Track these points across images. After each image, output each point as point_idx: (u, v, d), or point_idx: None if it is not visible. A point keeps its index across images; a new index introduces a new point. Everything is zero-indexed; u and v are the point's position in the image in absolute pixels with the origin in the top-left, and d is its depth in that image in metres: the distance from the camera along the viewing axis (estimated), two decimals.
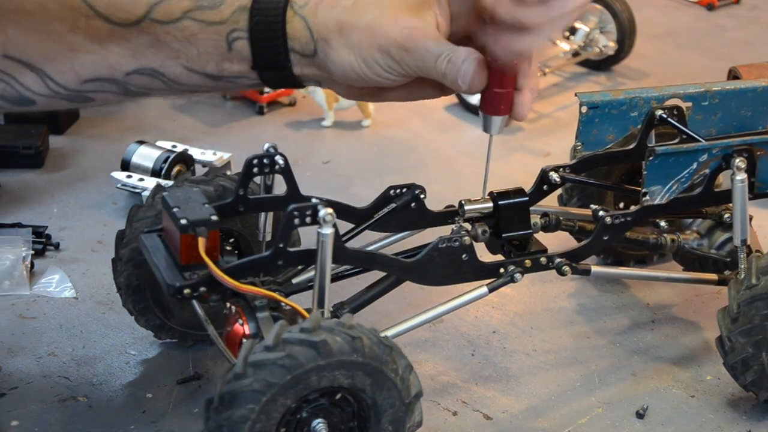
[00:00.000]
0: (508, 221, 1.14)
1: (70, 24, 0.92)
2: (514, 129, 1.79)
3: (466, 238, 1.10)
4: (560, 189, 1.30)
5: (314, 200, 1.03)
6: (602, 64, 2.01)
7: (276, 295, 1.01)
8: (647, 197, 1.15)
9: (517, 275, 1.12)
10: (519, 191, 1.15)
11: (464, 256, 1.10)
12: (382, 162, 1.70)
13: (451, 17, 0.98)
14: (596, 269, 1.19)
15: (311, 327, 0.93)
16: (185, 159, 1.55)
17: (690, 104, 1.26)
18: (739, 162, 1.14)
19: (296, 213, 1.00)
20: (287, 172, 1.11)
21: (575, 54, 1.98)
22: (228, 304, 1.04)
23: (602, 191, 1.32)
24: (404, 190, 1.17)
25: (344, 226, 1.12)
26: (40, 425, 1.12)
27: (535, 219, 1.18)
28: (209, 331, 1.05)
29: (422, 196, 1.17)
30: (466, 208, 1.14)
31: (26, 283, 1.33)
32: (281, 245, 1.02)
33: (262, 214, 1.16)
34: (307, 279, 1.12)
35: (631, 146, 1.25)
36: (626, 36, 1.97)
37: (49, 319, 1.29)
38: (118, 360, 1.22)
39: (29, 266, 1.35)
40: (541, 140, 1.77)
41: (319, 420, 0.97)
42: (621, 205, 1.35)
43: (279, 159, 1.11)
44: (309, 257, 1.02)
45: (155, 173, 1.51)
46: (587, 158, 1.24)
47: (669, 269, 1.38)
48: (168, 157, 1.52)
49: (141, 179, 1.50)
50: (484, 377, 1.23)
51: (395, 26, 0.94)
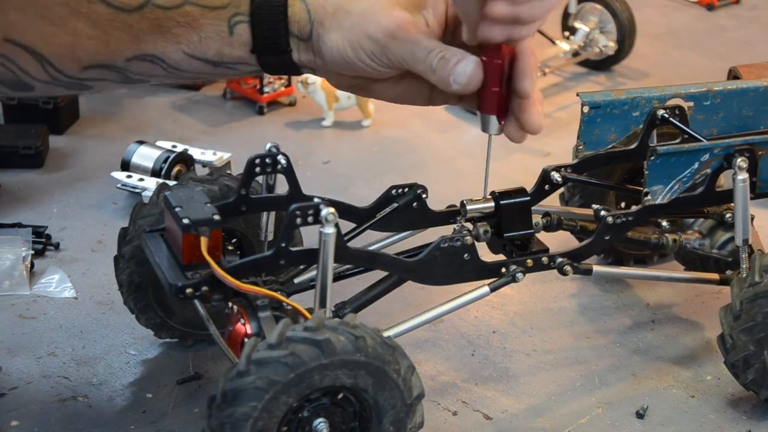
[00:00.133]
0: (510, 221, 1.14)
1: (72, 9, 0.92)
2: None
3: (468, 238, 1.10)
4: (562, 188, 1.29)
5: (316, 200, 1.03)
6: (602, 64, 2.01)
7: (278, 295, 1.01)
8: (649, 197, 1.15)
9: (519, 275, 1.12)
10: (520, 191, 1.15)
11: (466, 256, 1.10)
12: (382, 162, 1.70)
13: (446, 24, 0.98)
14: (598, 269, 1.18)
15: (315, 326, 0.93)
16: (185, 159, 1.55)
17: (692, 104, 1.26)
18: (741, 162, 1.14)
19: (298, 212, 1.00)
20: (289, 172, 1.11)
21: (575, 54, 1.98)
22: (230, 304, 1.04)
23: (604, 191, 1.32)
24: (406, 190, 1.17)
25: (346, 226, 1.12)
26: (40, 425, 1.12)
27: (537, 219, 1.18)
28: (211, 331, 1.05)
29: (424, 196, 1.17)
30: (468, 208, 1.14)
31: (26, 283, 1.32)
32: (283, 245, 1.02)
33: (264, 214, 1.16)
34: (309, 278, 1.12)
35: (633, 146, 1.25)
36: (626, 36, 1.97)
37: (49, 319, 1.28)
38: (118, 360, 1.22)
39: (29, 266, 1.34)
40: (541, 140, 1.77)
41: (321, 419, 0.97)
42: (622, 205, 1.35)
43: (281, 159, 1.11)
44: (311, 257, 1.02)
45: (155, 173, 1.51)
46: (589, 158, 1.24)
47: (670, 269, 1.38)
48: (168, 157, 1.52)
49: (141, 179, 1.50)
50: (484, 377, 1.23)
51: (388, 15, 0.94)
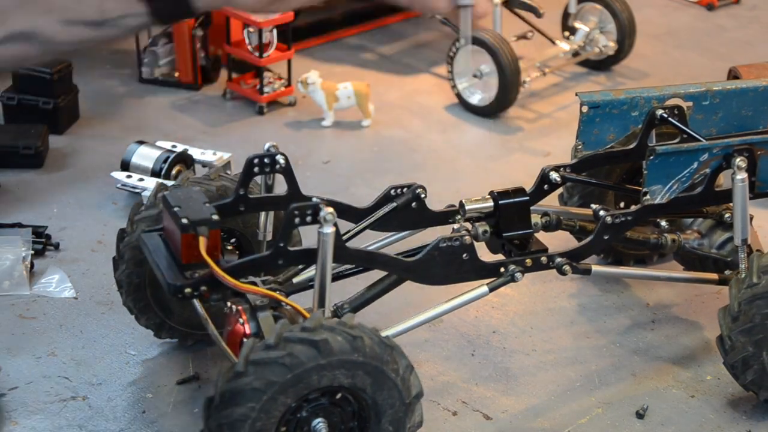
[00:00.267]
0: (509, 221, 1.14)
1: None
2: (514, 129, 1.79)
3: (467, 238, 1.09)
4: (561, 188, 1.29)
5: (315, 200, 1.03)
6: (602, 64, 2.01)
7: (277, 295, 1.01)
8: (648, 197, 1.15)
9: (518, 274, 1.12)
10: (519, 191, 1.15)
11: (465, 256, 1.10)
12: (382, 162, 1.70)
13: None
14: (597, 268, 1.18)
15: (312, 326, 0.93)
16: (185, 159, 1.55)
17: (691, 104, 1.26)
18: (740, 161, 1.14)
19: (297, 212, 1.00)
20: (288, 172, 1.11)
21: (575, 54, 1.97)
22: (229, 304, 1.04)
23: (603, 190, 1.32)
24: (405, 190, 1.17)
25: (345, 226, 1.12)
26: (40, 425, 1.12)
27: (536, 218, 1.18)
28: (209, 331, 1.05)
29: (423, 196, 1.17)
30: (467, 208, 1.14)
31: (26, 283, 1.32)
32: (282, 244, 1.02)
33: (263, 214, 1.16)
34: (308, 278, 1.12)
35: (632, 146, 1.24)
36: (626, 36, 1.96)
37: (49, 319, 1.28)
38: (118, 360, 1.22)
39: (29, 266, 1.34)
40: (541, 140, 1.77)
41: (319, 419, 0.97)
42: (621, 205, 1.34)
43: (280, 158, 1.11)
44: (310, 256, 1.02)
45: (155, 173, 1.51)
46: (588, 158, 1.24)
47: (669, 269, 1.38)
48: (168, 157, 1.52)
49: (141, 179, 1.50)
50: (484, 377, 1.23)
51: None
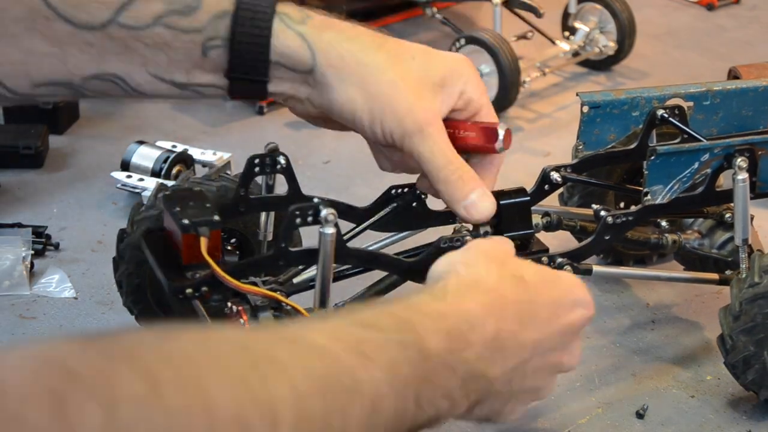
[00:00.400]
0: (510, 221, 1.14)
1: (27, 26, 0.85)
2: (514, 129, 1.79)
3: (468, 238, 1.09)
4: (561, 188, 1.29)
5: (316, 200, 1.03)
6: (602, 64, 2.01)
7: (277, 296, 1.01)
8: (649, 197, 1.15)
9: None
10: (520, 191, 1.15)
11: None
12: None
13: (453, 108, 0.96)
14: (597, 269, 1.18)
15: None
16: (185, 159, 1.55)
17: (691, 104, 1.26)
18: (741, 161, 1.14)
19: (298, 213, 1.00)
20: (289, 172, 1.11)
21: (575, 54, 1.97)
22: (229, 304, 1.04)
23: (603, 191, 1.32)
24: (406, 190, 1.17)
25: (345, 226, 1.11)
26: None
27: (537, 219, 1.18)
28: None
29: (423, 196, 1.17)
30: None
31: (26, 283, 1.32)
32: (283, 245, 1.02)
33: (263, 214, 1.16)
34: (309, 278, 1.12)
35: (633, 146, 1.25)
36: (626, 36, 1.96)
37: (49, 319, 1.28)
38: None
39: (29, 266, 1.34)
40: (541, 140, 1.77)
41: None
42: (621, 205, 1.35)
43: (281, 158, 1.11)
44: (311, 257, 1.02)
45: (155, 173, 1.51)
46: (588, 158, 1.24)
47: (669, 269, 1.38)
48: (168, 157, 1.52)
49: (141, 179, 1.50)
50: None
51: (420, 107, 0.91)
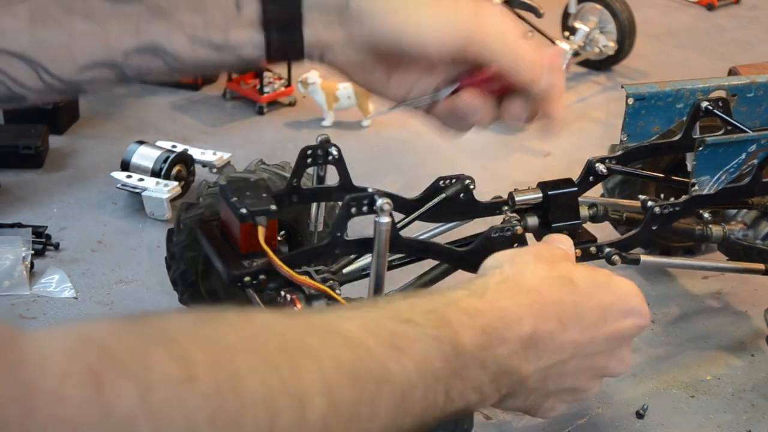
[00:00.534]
0: (558, 211, 1.14)
1: (66, 6, 0.86)
2: (514, 129, 1.79)
3: (518, 228, 1.09)
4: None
5: (370, 190, 1.04)
6: (602, 64, 2.01)
7: (328, 290, 1.01)
8: (696, 187, 1.15)
9: None
10: (568, 181, 1.15)
11: (516, 246, 1.09)
12: (382, 162, 1.70)
13: None
14: (645, 258, 1.18)
15: None
16: (185, 159, 1.55)
17: (735, 96, 1.25)
18: None
19: (353, 203, 1.01)
20: (340, 163, 1.11)
21: (575, 54, 1.98)
22: (282, 293, 1.05)
23: (644, 183, 1.31)
24: (453, 181, 1.16)
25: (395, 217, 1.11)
26: None
27: (584, 210, 1.18)
28: None
29: (471, 187, 1.16)
30: (517, 199, 1.14)
31: (26, 283, 1.32)
32: (339, 234, 1.03)
33: (314, 204, 1.17)
34: (360, 268, 1.12)
35: (677, 137, 1.24)
36: (626, 36, 1.97)
37: (49, 319, 1.28)
38: None
39: (29, 266, 1.34)
40: (541, 140, 1.77)
41: None
42: (662, 196, 1.33)
43: (332, 150, 1.11)
44: (365, 246, 1.03)
45: (155, 173, 1.51)
46: (633, 149, 1.23)
47: (713, 259, 1.37)
48: (168, 157, 1.52)
49: (141, 179, 1.50)
50: None
51: (465, 6, 0.86)
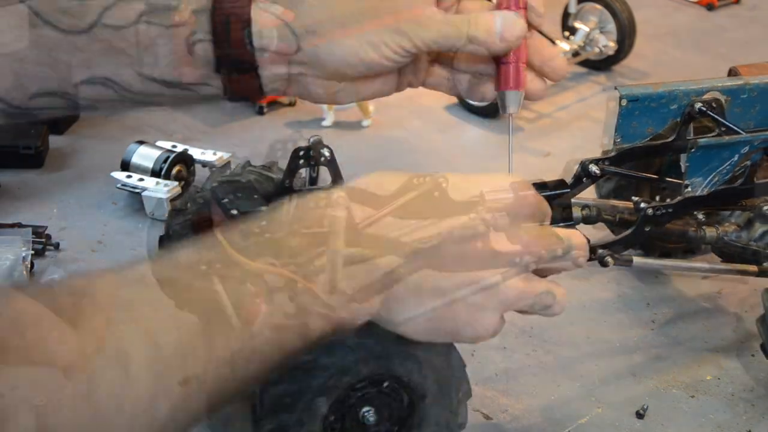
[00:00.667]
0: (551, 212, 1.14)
1: (17, 35, 0.86)
2: (514, 129, 1.79)
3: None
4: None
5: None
6: (602, 64, 2.01)
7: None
8: (689, 189, 1.15)
9: None
10: (561, 183, 1.15)
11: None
12: (382, 162, 1.70)
13: None
14: (638, 260, 1.18)
15: None
16: (185, 159, 1.55)
17: (728, 97, 1.25)
18: None
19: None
20: (332, 164, 1.11)
21: (575, 54, 1.97)
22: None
23: (638, 184, 1.31)
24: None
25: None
26: None
27: (577, 211, 1.18)
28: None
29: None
30: None
31: (26, 283, 1.32)
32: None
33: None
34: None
35: (671, 138, 1.24)
36: (626, 36, 1.96)
37: None
38: None
39: (29, 266, 1.34)
40: (541, 140, 1.77)
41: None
42: (657, 199, 1.33)
43: (325, 151, 1.11)
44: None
45: (155, 173, 1.51)
46: (626, 150, 1.23)
47: (706, 261, 1.37)
48: (168, 157, 1.52)
49: (141, 179, 1.50)
50: (484, 377, 1.23)
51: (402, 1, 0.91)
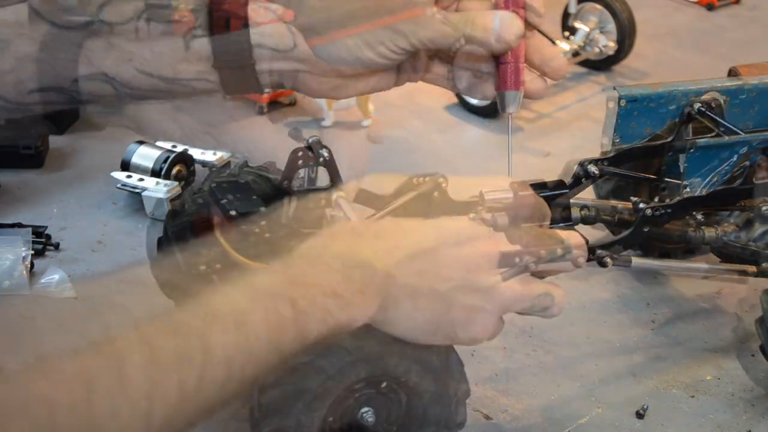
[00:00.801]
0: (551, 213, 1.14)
1: (15, 31, 0.87)
2: (515, 129, 1.79)
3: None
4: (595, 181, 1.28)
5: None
6: (602, 64, 2.01)
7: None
8: (687, 189, 1.15)
9: None
10: (560, 183, 1.15)
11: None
12: (382, 162, 1.69)
13: None
14: (636, 261, 1.18)
15: None
16: (185, 159, 1.55)
17: (727, 98, 1.25)
18: None
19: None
20: (331, 165, 1.11)
21: (575, 54, 1.97)
22: None
23: (637, 185, 1.31)
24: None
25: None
26: None
27: (576, 211, 1.18)
28: None
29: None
30: None
31: (26, 283, 1.32)
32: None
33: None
34: None
35: (670, 139, 1.23)
36: (626, 36, 1.97)
37: (49, 320, 1.28)
38: None
39: (29, 266, 1.34)
40: (541, 140, 1.77)
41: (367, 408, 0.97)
42: (656, 199, 1.33)
43: (323, 151, 1.11)
44: None
45: (155, 173, 1.51)
46: (625, 151, 1.22)
47: (705, 261, 1.37)
48: (168, 157, 1.52)
49: (141, 179, 1.50)
50: (484, 377, 1.23)
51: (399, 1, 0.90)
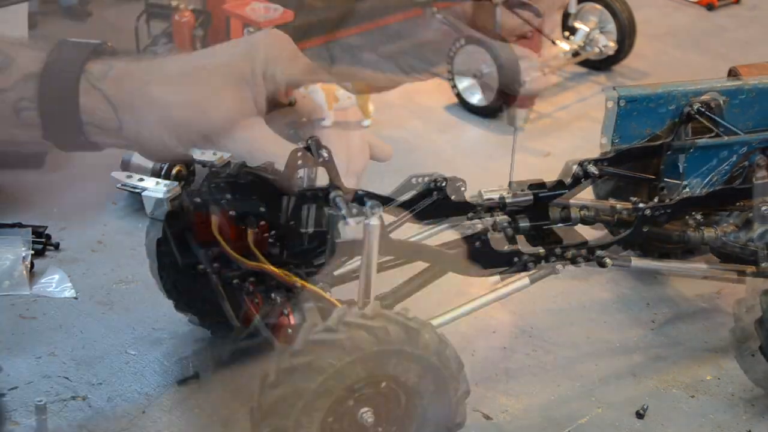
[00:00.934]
0: (549, 213, 1.14)
1: None
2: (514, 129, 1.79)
3: (509, 230, 1.11)
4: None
5: (359, 193, 1.04)
6: (602, 64, 2.01)
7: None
8: (687, 189, 1.14)
9: (559, 266, 1.12)
10: (559, 184, 1.15)
11: (506, 248, 1.10)
12: (382, 162, 1.69)
13: (267, 96, 0.95)
14: (636, 261, 1.18)
15: (371, 314, 0.94)
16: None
17: (726, 98, 1.25)
18: None
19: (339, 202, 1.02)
20: (330, 165, 1.11)
21: (575, 54, 1.98)
22: (272, 294, 1.06)
23: (636, 185, 1.31)
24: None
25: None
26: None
27: (575, 212, 1.18)
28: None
29: (463, 189, 1.17)
30: (507, 201, 1.14)
31: (26, 283, 1.32)
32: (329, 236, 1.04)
33: (305, 207, 1.17)
34: (351, 270, 1.13)
35: (669, 139, 1.23)
36: (626, 36, 1.97)
37: (49, 319, 1.29)
38: (118, 360, 1.22)
39: (29, 266, 1.34)
40: (541, 140, 1.77)
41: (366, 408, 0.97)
42: (655, 199, 1.33)
43: (323, 152, 1.11)
44: (356, 248, 1.02)
45: (155, 173, 1.51)
46: (624, 151, 1.22)
47: (705, 261, 1.37)
48: None
49: (141, 179, 1.50)
50: (484, 377, 1.23)
51: (218, 111, 0.88)
